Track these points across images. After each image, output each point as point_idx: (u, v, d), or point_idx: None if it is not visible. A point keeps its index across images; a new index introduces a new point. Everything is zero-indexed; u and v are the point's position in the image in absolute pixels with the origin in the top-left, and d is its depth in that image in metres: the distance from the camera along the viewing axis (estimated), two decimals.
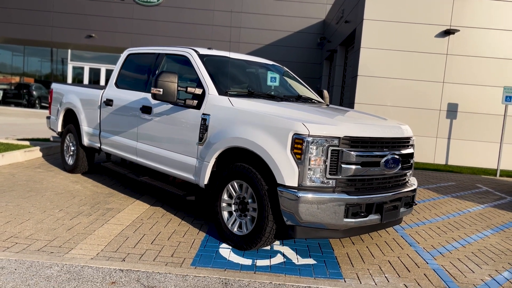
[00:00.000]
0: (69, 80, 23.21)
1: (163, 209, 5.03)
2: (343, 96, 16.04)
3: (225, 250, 3.86)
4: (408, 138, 4.21)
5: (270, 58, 6.42)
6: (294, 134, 3.47)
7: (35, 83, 24.29)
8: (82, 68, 23.45)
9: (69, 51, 23.10)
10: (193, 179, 4.36)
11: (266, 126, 3.67)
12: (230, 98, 4.21)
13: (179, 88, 4.29)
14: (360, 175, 3.63)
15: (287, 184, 3.47)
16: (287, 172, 3.47)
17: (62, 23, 21.34)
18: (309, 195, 3.41)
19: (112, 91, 5.75)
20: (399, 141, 4.04)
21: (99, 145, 5.95)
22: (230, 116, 4.03)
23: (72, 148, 6.65)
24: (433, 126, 12.09)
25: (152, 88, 4.26)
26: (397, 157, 3.91)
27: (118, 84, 5.77)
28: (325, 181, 3.50)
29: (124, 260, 3.45)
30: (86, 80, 23.15)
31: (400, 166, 3.96)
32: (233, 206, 4.01)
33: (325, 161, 3.47)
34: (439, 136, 12.13)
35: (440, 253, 4.26)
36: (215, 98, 4.27)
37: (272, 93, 5.08)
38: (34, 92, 23.84)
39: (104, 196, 5.44)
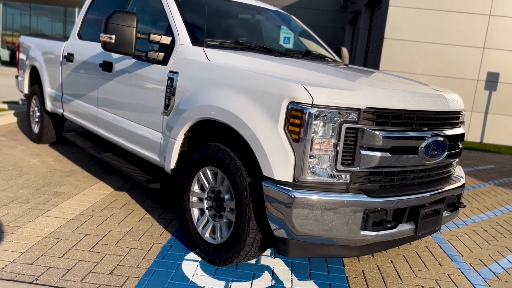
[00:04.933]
0: None
1: (129, 195, 3.94)
2: (366, 63, 14.51)
3: (191, 264, 2.75)
4: (458, 112, 2.95)
5: None
6: (290, 102, 2.27)
7: None
8: None
9: (76, 10, 21.92)
10: (158, 161, 3.22)
11: (251, 89, 2.48)
12: (206, 49, 2.99)
13: (138, 35, 3.08)
14: (388, 166, 2.43)
15: (276, 177, 2.30)
16: (277, 159, 2.30)
17: None
18: (310, 196, 2.24)
19: (74, 43, 4.58)
20: (446, 116, 2.79)
21: (61, 111, 4.85)
22: (204, 75, 2.84)
23: (37, 113, 5.57)
24: (469, 98, 10.57)
25: (101, 35, 3.06)
26: (443, 139, 2.68)
27: (81, 35, 4.59)
28: (335, 175, 2.32)
29: (37, 280, 2.38)
30: None
31: (446, 153, 2.74)
32: (205, 202, 2.87)
33: (336, 145, 2.28)
34: (474, 110, 10.64)
35: (494, 273, 3.07)
36: (186, 49, 3.06)
37: (277, 47, 3.83)
38: None
39: (61, 175, 4.38)
